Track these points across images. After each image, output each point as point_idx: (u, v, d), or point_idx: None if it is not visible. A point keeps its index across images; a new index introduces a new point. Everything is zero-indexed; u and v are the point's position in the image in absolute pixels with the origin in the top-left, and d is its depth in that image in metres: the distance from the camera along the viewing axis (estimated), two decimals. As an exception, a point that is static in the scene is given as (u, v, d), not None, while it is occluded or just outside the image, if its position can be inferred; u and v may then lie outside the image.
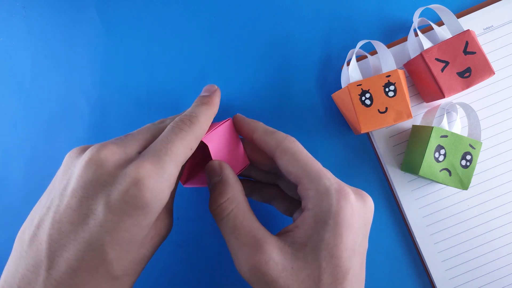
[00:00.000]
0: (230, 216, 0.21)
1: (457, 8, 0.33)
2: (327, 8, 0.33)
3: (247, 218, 0.22)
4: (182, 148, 0.21)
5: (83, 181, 0.19)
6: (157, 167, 0.19)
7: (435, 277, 0.31)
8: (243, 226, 0.21)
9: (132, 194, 0.18)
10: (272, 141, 0.24)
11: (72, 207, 0.18)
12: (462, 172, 0.28)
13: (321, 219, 0.20)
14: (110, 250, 0.18)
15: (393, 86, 0.28)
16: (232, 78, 0.33)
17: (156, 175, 0.19)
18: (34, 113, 0.33)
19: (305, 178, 0.22)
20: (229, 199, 0.22)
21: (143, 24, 0.34)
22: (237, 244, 0.21)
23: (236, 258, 0.21)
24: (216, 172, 0.23)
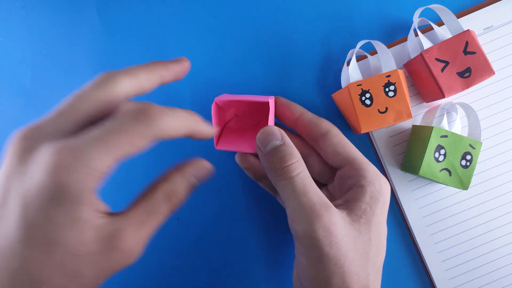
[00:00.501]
0: (300, 176, 0.22)
1: (457, 8, 0.33)
2: (327, 8, 0.33)
3: (314, 183, 0.23)
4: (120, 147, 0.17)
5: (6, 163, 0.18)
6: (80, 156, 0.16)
7: (435, 277, 0.31)
8: (312, 188, 0.22)
9: (43, 185, 0.16)
10: (323, 124, 0.27)
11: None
12: (462, 172, 0.28)
13: (374, 195, 0.23)
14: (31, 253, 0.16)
15: (393, 86, 0.28)
16: (232, 78, 0.33)
17: (74, 161, 0.16)
18: (34, 113, 0.33)
19: (355, 160, 0.25)
20: (297, 161, 0.23)
21: (143, 24, 0.34)
22: (306, 203, 0.22)
23: (300, 218, 0.22)
24: (277, 136, 0.24)
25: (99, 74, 0.19)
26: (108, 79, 0.19)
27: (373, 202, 0.23)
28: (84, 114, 0.18)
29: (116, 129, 0.17)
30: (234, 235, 0.32)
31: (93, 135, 0.17)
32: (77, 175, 0.16)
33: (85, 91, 0.19)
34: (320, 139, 0.26)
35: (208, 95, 0.33)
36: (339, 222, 0.21)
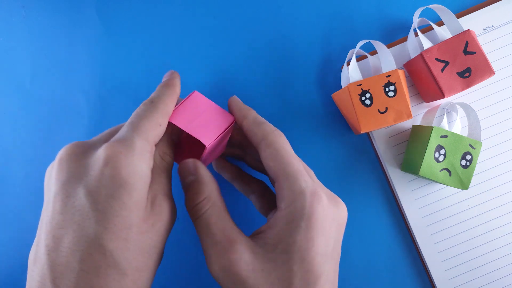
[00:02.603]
0: (205, 215, 0.21)
1: (457, 8, 0.33)
2: (327, 8, 0.33)
3: (221, 217, 0.21)
4: (148, 124, 0.20)
5: (60, 182, 0.19)
6: (126, 144, 0.19)
7: (435, 277, 0.31)
8: (217, 225, 0.21)
9: (107, 176, 0.18)
10: (259, 132, 0.23)
11: (58, 211, 0.18)
12: (462, 172, 0.28)
13: (293, 220, 0.20)
14: (106, 241, 0.18)
15: (393, 86, 0.28)
16: (232, 78, 0.33)
17: (126, 151, 0.19)
18: (34, 113, 0.33)
19: (282, 176, 0.21)
20: (205, 199, 0.22)
21: (143, 24, 0.34)
22: (210, 243, 0.21)
23: (208, 257, 0.21)
24: (190, 171, 0.23)
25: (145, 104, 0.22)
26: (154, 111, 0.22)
27: (292, 228, 0.20)
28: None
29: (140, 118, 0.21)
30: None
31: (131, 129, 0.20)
32: (137, 158, 0.19)
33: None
34: (258, 148, 0.23)
35: (208, 94, 0.33)
36: (244, 259, 0.20)
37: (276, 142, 0.22)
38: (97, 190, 0.18)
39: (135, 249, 0.19)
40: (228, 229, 0.21)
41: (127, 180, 0.18)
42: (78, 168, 0.19)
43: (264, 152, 0.22)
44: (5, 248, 0.33)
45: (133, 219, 0.19)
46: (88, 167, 0.19)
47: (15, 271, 0.32)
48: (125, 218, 0.18)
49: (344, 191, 0.32)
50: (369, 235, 0.32)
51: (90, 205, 0.18)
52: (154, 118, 0.21)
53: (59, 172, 0.19)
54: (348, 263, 0.32)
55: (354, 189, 0.32)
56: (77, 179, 0.18)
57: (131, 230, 0.19)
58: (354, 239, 0.32)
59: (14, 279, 0.32)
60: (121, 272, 0.18)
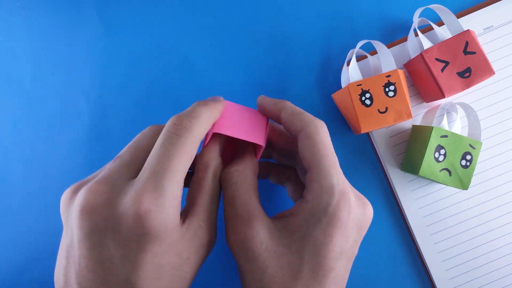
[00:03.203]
0: (234, 186, 0.22)
1: (457, 8, 0.33)
2: (327, 8, 0.33)
3: (248, 193, 0.22)
4: (181, 162, 0.19)
5: (85, 232, 0.18)
6: (156, 196, 0.18)
7: (435, 277, 0.31)
8: (242, 199, 0.21)
9: (137, 233, 0.18)
10: (298, 122, 0.22)
11: (85, 255, 0.18)
12: (462, 172, 0.28)
13: (315, 214, 0.20)
14: (140, 285, 0.18)
15: (393, 86, 0.28)
16: (232, 78, 0.33)
17: (156, 206, 0.18)
18: (34, 113, 0.33)
19: (315, 168, 0.21)
20: (238, 170, 0.22)
21: (143, 24, 0.34)
22: (231, 213, 0.21)
23: (226, 227, 0.21)
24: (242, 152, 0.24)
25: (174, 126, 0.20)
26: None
27: (312, 221, 0.20)
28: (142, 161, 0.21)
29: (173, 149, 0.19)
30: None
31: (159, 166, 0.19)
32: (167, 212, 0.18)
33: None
34: (297, 139, 0.23)
35: (208, 94, 0.33)
36: (260, 237, 0.20)
37: (315, 133, 0.22)
38: (126, 244, 0.18)
39: (168, 283, 0.19)
40: (251, 205, 0.21)
41: (157, 235, 0.18)
42: (105, 222, 0.18)
43: (301, 142, 0.22)
44: (5, 248, 0.33)
45: (165, 260, 0.19)
46: (116, 221, 0.18)
47: (15, 271, 0.32)
48: (155, 264, 0.18)
49: (344, 191, 0.32)
50: (369, 235, 0.32)
51: (120, 257, 0.18)
52: (187, 151, 0.19)
53: (83, 222, 0.18)
54: (348, 263, 0.32)
55: (354, 189, 0.32)
56: (104, 232, 0.18)
57: (163, 269, 0.19)
58: (354, 239, 0.32)
59: (14, 279, 0.32)
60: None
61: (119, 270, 0.18)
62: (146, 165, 0.19)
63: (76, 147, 0.33)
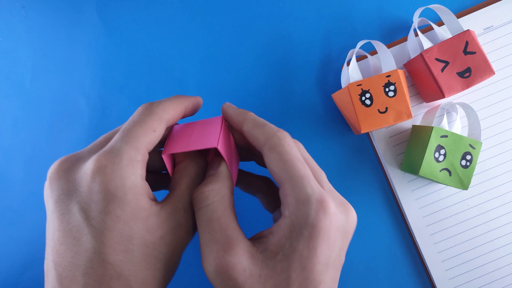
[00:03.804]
0: (209, 207, 0.20)
1: (457, 8, 0.33)
2: (327, 8, 0.33)
3: (226, 215, 0.20)
4: (140, 130, 0.20)
5: (53, 200, 0.19)
6: (112, 155, 0.19)
7: (435, 277, 0.31)
8: (220, 222, 0.20)
9: (96, 191, 0.18)
10: (261, 135, 0.21)
11: (57, 227, 0.18)
12: (462, 172, 0.28)
13: (296, 229, 0.19)
14: (106, 255, 0.18)
15: (393, 86, 0.28)
16: (232, 78, 0.33)
17: (112, 163, 0.18)
18: (34, 113, 0.33)
19: (287, 182, 0.20)
20: (214, 190, 0.21)
21: (143, 24, 0.34)
22: (208, 239, 0.20)
23: (204, 254, 0.20)
24: (214, 166, 0.22)
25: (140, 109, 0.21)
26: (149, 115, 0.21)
27: (294, 236, 0.19)
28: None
29: (134, 123, 0.20)
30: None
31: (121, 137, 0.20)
32: (125, 170, 0.18)
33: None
34: (262, 152, 0.21)
35: (209, 95, 0.33)
36: (242, 263, 0.19)
37: (279, 145, 0.21)
38: (88, 206, 0.18)
39: (140, 261, 0.19)
40: (230, 228, 0.20)
41: (115, 194, 0.18)
42: (67, 184, 0.19)
43: (267, 157, 0.21)
44: (5, 248, 0.33)
45: (132, 231, 0.18)
46: (77, 182, 0.19)
47: (15, 271, 0.32)
48: (121, 231, 0.18)
49: (344, 191, 0.32)
50: (369, 235, 0.32)
51: (84, 221, 0.18)
52: (147, 124, 0.20)
53: (50, 190, 0.19)
54: (348, 263, 0.32)
55: (354, 189, 0.32)
56: (68, 196, 0.18)
57: (132, 242, 0.18)
58: (354, 239, 0.32)
59: (14, 279, 0.32)
60: (125, 284, 0.18)
61: (86, 238, 0.18)
62: (117, 135, 0.20)
63: (76, 147, 0.33)
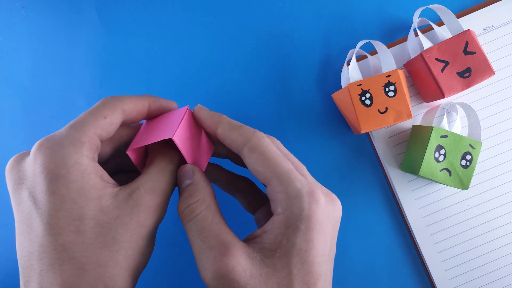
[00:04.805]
0: (198, 218, 0.20)
1: (457, 8, 0.33)
2: (327, 8, 0.33)
3: (216, 221, 0.20)
4: (89, 117, 0.20)
5: (10, 193, 0.19)
6: (54, 137, 0.19)
7: (435, 277, 0.31)
8: (211, 229, 0.20)
9: (38, 172, 0.18)
10: (239, 137, 0.21)
11: (16, 219, 0.19)
12: (462, 172, 0.28)
13: (292, 224, 0.19)
14: (55, 236, 0.18)
15: (393, 86, 0.28)
16: (232, 78, 0.33)
17: (52, 144, 0.19)
18: (34, 113, 0.33)
19: (274, 179, 0.20)
20: (199, 200, 0.21)
21: (143, 24, 0.34)
22: (203, 247, 0.19)
23: (201, 263, 0.20)
24: (188, 175, 0.22)
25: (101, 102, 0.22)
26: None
27: (291, 231, 0.19)
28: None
29: (85, 112, 0.21)
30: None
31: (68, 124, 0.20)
32: (66, 149, 0.19)
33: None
34: (241, 154, 0.22)
35: (208, 95, 0.33)
36: (241, 265, 0.19)
37: (260, 145, 0.21)
38: (34, 190, 0.18)
39: (94, 242, 0.18)
40: (223, 233, 0.20)
41: (56, 172, 0.18)
42: (18, 174, 0.19)
43: (248, 158, 0.21)
44: (5, 248, 0.33)
45: (82, 210, 0.18)
46: (25, 169, 0.19)
47: (15, 271, 0.32)
48: (69, 210, 0.18)
49: (344, 191, 0.32)
50: (369, 235, 0.32)
51: (32, 205, 0.18)
52: (98, 111, 0.21)
53: (8, 184, 0.20)
54: (348, 263, 0.32)
55: (354, 189, 0.32)
56: (20, 185, 0.19)
57: (83, 222, 0.18)
58: (354, 239, 0.32)
59: (14, 279, 0.32)
60: (78, 267, 0.18)
61: (36, 223, 0.18)
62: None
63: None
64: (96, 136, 0.20)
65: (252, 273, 0.19)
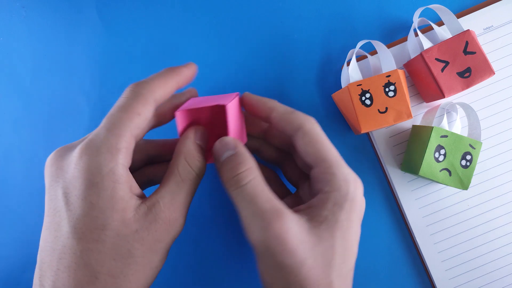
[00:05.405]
0: (250, 185, 0.21)
1: (457, 8, 0.33)
2: (327, 8, 0.33)
3: (267, 189, 0.21)
4: (124, 116, 0.20)
5: (47, 187, 0.20)
6: (93, 142, 0.19)
7: (435, 277, 0.31)
8: (264, 195, 0.21)
9: (76, 177, 0.19)
10: (294, 121, 0.23)
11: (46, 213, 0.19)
12: (462, 172, 0.28)
13: (338, 202, 0.21)
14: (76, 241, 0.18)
15: (393, 86, 0.28)
16: (232, 78, 0.33)
17: (91, 150, 0.19)
18: (34, 113, 0.33)
19: (325, 162, 0.22)
20: (248, 169, 0.21)
21: (143, 24, 0.34)
22: (257, 211, 0.20)
23: (251, 226, 0.20)
24: (230, 146, 0.22)
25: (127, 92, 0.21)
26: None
27: (336, 209, 0.21)
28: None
29: (118, 108, 0.20)
30: (233, 233, 0.32)
31: (104, 123, 0.20)
32: (103, 157, 0.19)
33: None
34: (293, 137, 0.23)
35: (208, 94, 0.33)
36: (293, 229, 0.20)
37: (314, 129, 0.23)
38: (69, 191, 0.19)
39: (110, 253, 0.19)
40: (275, 200, 0.21)
41: (92, 180, 0.18)
42: (56, 171, 0.20)
43: (302, 140, 0.23)
44: (6, 248, 0.33)
45: (106, 220, 0.18)
46: (64, 169, 0.19)
47: (16, 271, 0.32)
48: (95, 218, 0.18)
49: (344, 191, 0.32)
50: (369, 235, 0.32)
51: (64, 206, 0.18)
52: (132, 108, 0.20)
53: (45, 177, 0.20)
54: (348, 263, 0.32)
55: (354, 189, 0.32)
56: (56, 181, 0.19)
57: (105, 232, 0.18)
58: (354, 239, 0.32)
59: (14, 279, 0.32)
60: (91, 275, 0.18)
61: (64, 223, 0.18)
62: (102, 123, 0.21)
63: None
64: (133, 138, 0.21)
65: (301, 239, 0.20)
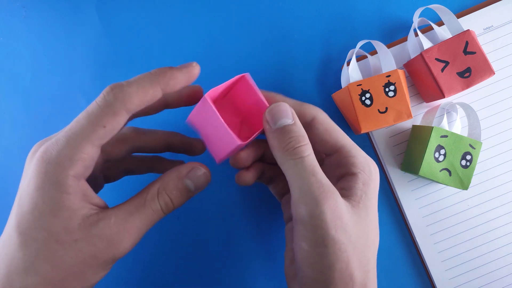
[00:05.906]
0: (309, 158, 0.21)
1: (457, 8, 0.33)
2: (327, 8, 0.33)
3: (320, 167, 0.22)
4: (88, 128, 0.19)
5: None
6: (49, 151, 0.19)
7: (435, 277, 0.31)
8: (321, 171, 0.22)
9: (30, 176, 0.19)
10: (307, 111, 0.25)
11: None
12: (462, 172, 0.28)
13: (366, 182, 0.23)
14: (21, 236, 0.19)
15: (393, 86, 0.28)
16: (231, 77, 0.33)
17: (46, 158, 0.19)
18: (34, 113, 0.33)
19: (344, 147, 0.24)
20: (308, 144, 0.22)
21: (143, 24, 0.34)
22: (316, 184, 0.21)
23: (307, 197, 0.21)
24: (288, 114, 0.22)
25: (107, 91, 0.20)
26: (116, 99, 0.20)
27: (366, 188, 0.23)
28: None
29: (86, 114, 0.19)
30: (233, 233, 0.32)
31: (68, 129, 0.19)
32: (53, 168, 0.18)
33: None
34: (307, 127, 0.24)
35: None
36: (343, 206, 0.21)
37: (327, 118, 0.25)
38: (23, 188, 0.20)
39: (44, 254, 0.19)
40: (325, 177, 0.22)
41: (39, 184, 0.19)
42: (26, 166, 0.21)
43: (317, 129, 0.24)
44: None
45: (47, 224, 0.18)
46: (26, 166, 0.21)
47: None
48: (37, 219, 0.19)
49: (344, 191, 0.32)
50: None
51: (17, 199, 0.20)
52: (95, 118, 0.19)
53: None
54: (348, 263, 0.32)
55: (354, 189, 0.32)
56: (24, 175, 0.21)
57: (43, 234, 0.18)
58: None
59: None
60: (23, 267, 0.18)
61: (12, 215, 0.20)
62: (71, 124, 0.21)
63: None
64: (94, 148, 0.19)
65: (348, 216, 0.21)
